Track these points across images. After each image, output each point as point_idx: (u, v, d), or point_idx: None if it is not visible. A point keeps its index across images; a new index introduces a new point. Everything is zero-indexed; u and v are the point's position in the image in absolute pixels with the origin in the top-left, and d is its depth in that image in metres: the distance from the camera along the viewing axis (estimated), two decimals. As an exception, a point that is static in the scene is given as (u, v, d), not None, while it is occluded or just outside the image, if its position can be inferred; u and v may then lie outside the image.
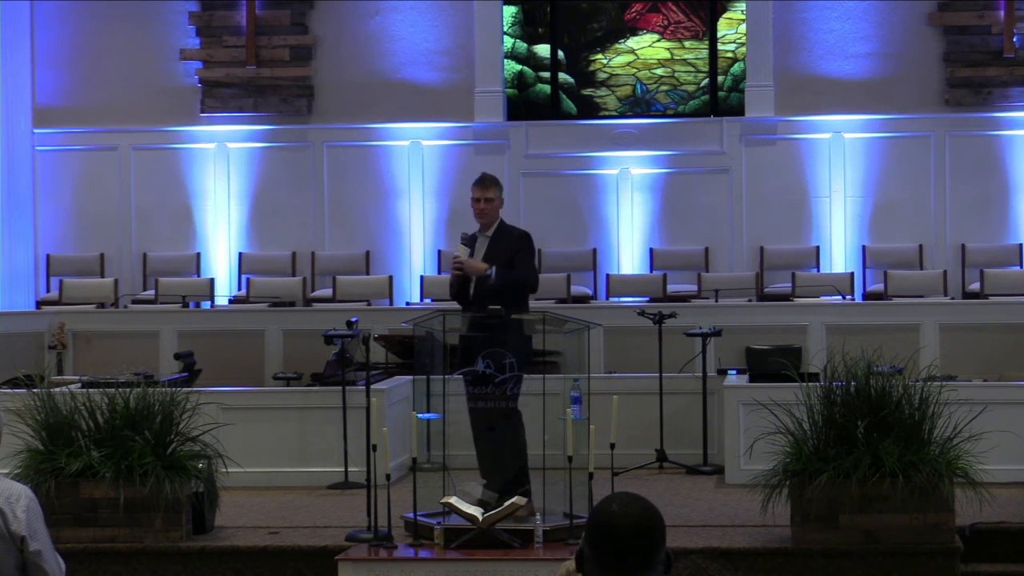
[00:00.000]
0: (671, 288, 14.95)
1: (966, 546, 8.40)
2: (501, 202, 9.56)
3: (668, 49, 16.30)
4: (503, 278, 9.25)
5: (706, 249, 15.65)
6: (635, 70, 16.35)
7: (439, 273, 15.67)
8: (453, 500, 8.51)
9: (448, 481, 8.82)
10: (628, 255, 15.69)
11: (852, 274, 15.02)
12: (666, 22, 16.30)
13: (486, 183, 9.52)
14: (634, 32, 16.35)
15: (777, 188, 15.67)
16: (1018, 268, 15.17)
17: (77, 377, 11.06)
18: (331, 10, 16.09)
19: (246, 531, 9.10)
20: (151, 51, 16.18)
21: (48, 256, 16.13)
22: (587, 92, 16.42)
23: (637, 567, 3.80)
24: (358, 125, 16.04)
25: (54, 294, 15.67)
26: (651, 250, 15.71)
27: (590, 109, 16.39)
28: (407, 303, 15.29)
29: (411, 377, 11.08)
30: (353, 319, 10.34)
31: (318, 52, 16.13)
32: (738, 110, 16.00)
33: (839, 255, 15.56)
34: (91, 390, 9.14)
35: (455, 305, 9.72)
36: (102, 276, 15.92)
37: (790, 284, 14.88)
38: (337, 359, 10.77)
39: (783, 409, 8.47)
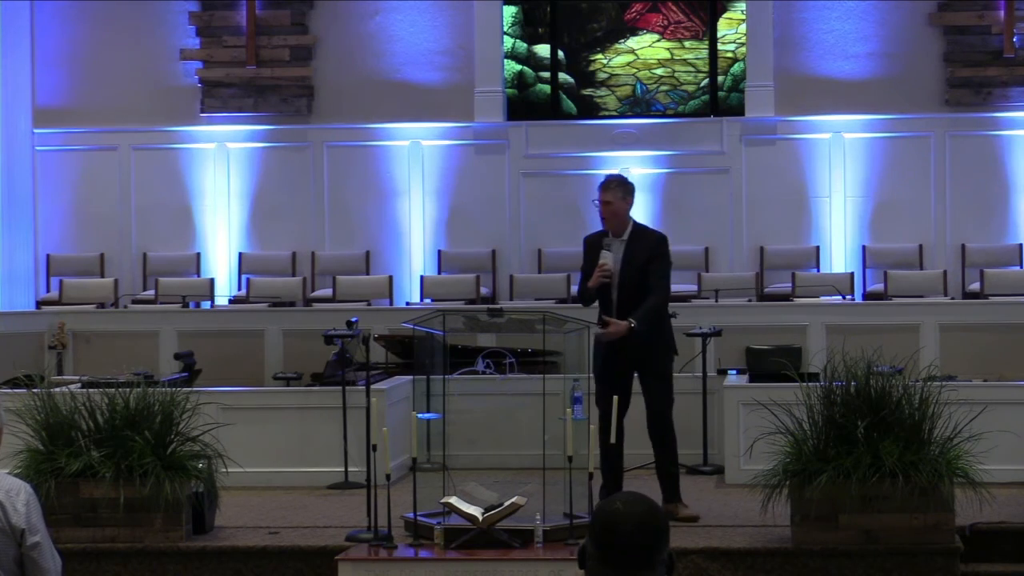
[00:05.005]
0: (671, 288, 14.91)
1: (966, 546, 8.39)
2: (628, 203, 9.21)
3: (668, 49, 16.30)
4: (645, 322, 9.04)
5: (706, 249, 15.64)
6: (635, 70, 16.34)
7: (439, 273, 15.67)
8: (453, 500, 8.50)
9: (448, 481, 8.82)
10: (628, 255, 15.67)
11: (852, 274, 15.02)
12: (666, 22, 16.30)
13: (608, 185, 9.19)
14: (634, 32, 16.35)
15: (777, 188, 15.66)
16: (1018, 268, 15.17)
17: (77, 377, 11.04)
18: (331, 10, 16.09)
19: (246, 531, 9.10)
20: (151, 51, 16.17)
21: (48, 256, 16.12)
22: (587, 92, 16.42)
23: (639, 566, 3.80)
24: (358, 125, 16.03)
25: (54, 294, 15.67)
26: (651, 250, 15.68)
27: (590, 109, 16.38)
28: (407, 303, 15.27)
29: (411, 377, 11.08)
30: (353, 319, 10.33)
31: (318, 52, 16.12)
32: (738, 110, 16.00)
33: (839, 255, 15.55)
34: (91, 390, 9.13)
35: (455, 305, 9.69)
36: (102, 276, 15.91)
37: (790, 284, 14.88)
38: (337, 359, 10.77)
39: (783, 409, 8.46)
